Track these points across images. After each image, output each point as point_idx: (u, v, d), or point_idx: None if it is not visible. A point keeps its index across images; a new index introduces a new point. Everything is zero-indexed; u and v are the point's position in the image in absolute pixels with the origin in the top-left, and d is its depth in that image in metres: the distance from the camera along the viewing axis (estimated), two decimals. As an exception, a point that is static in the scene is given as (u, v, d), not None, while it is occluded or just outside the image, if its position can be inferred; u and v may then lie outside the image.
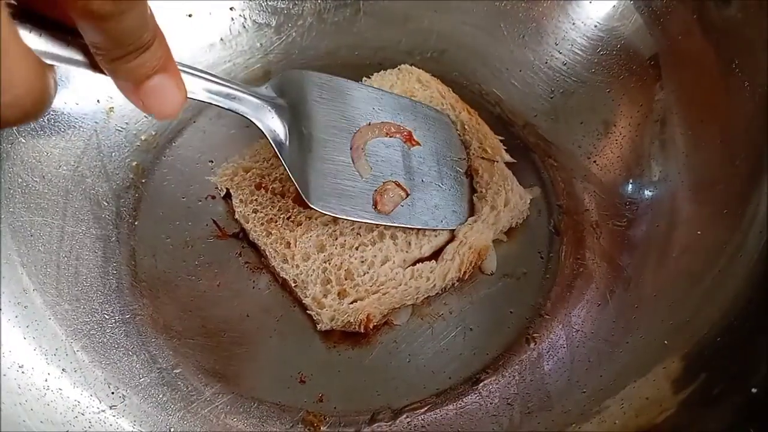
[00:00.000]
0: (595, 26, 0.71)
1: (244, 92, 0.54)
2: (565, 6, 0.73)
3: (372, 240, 0.63)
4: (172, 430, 0.56)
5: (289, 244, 0.63)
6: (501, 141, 0.70)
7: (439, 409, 0.58)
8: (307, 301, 0.60)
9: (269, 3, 0.79)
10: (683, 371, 0.51)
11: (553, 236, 0.68)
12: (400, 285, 0.61)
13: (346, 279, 0.61)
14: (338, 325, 0.59)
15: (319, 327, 0.60)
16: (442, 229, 0.64)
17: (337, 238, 0.63)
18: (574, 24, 0.72)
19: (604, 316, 0.60)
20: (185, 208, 0.68)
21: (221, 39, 0.78)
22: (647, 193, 0.65)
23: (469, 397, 0.58)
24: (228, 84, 0.52)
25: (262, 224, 0.64)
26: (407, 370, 0.60)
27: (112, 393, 0.56)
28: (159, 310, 0.62)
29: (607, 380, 0.55)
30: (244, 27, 0.79)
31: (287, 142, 0.58)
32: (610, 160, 0.69)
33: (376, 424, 0.57)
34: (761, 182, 0.56)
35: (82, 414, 0.54)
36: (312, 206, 0.58)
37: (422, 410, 0.58)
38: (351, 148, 0.62)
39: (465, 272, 0.63)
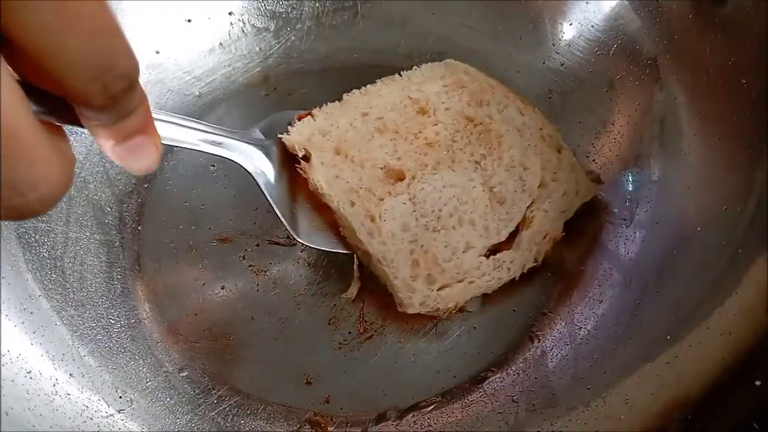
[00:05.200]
0: (593, 27, 0.71)
1: (231, 138, 0.57)
2: (563, 7, 0.73)
3: (452, 224, 0.62)
4: (180, 432, 0.56)
5: (372, 218, 0.61)
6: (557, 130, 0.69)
7: (445, 408, 0.59)
8: (396, 282, 0.59)
9: (268, 7, 0.79)
10: (686, 366, 0.52)
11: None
12: (484, 275, 0.61)
13: (433, 264, 0.60)
14: (425, 310, 0.59)
15: (403, 309, 0.59)
16: None
17: (418, 219, 0.61)
18: (571, 25, 0.73)
19: (606, 313, 0.61)
20: (188, 212, 0.68)
21: (220, 44, 0.78)
22: (646, 191, 0.65)
23: (475, 395, 0.59)
24: (215, 131, 0.56)
25: (345, 192, 0.61)
26: (412, 369, 0.61)
27: (120, 397, 0.56)
28: (164, 314, 0.63)
29: (611, 376, 0.55)
30: (243, 31, 0.79)
31: (276, 182, 0.61)
32: (609, 159, 0.69)
33: (382, 424, 0.58)
34: (759, 180, 0.56)
35: (91, 418, 0.54)
36: (300, 240, 0.61)
37: (428, 409, 0.58)
38: None
39: (542, 262, 0.63)
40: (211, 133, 0.55)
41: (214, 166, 0.71)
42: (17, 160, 0.28)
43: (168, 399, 0.58)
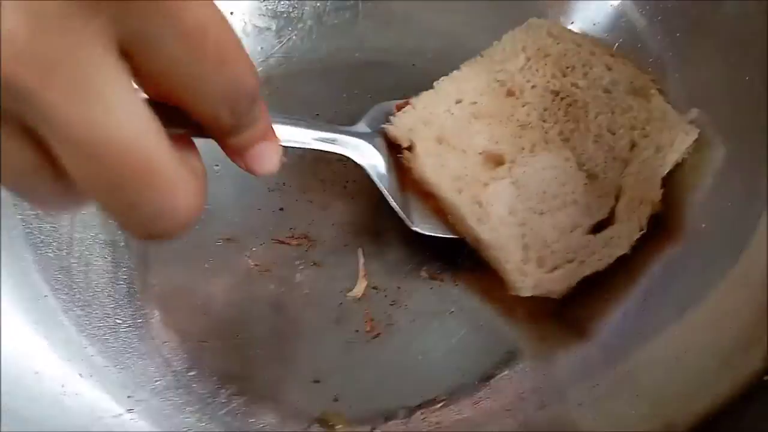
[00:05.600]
0: (595, 25, 0.72)
1: (341, 133, 0.60)
2: (564, 6, 0.74)
3: (557, 206, 0.61)
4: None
5: (480, 204, 0.61)
6: (652, 80, 0.66)
7: (453, 406, 0.58)
8: (508, 266, 0.59)
9: (269, 7, 0.79)
10: (694, 361, 0.52)
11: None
12: (594, 254, 0.59)
13: (542, 246, 0.60)
14: (539, 293, 0.58)
15: (516, 293, 0.58)
16: None
17: (523, 203, 0.61)
18: (573, 23, 0.73)
19: (612, 311, 0.61)
20: (193, 211, 0.68)
21: (222, 43, 0.78)
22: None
23: (483, 392, 0.59)
24: (326, 129, 0.58)
25: (451, 180, 0.61)
26: (420, 367, 0.61)
27: (129, 397, 0.56)
28: (171, 314, 0.63)
29: (620, 373, 0.56)
30: (245, 32, 0.79)
31: (387, 173, 0.63)
32: (612, 156, 0.69)
33: (391, 422, 0.58)
34: (762, 175, 0.57)
35: (100, 418, 0.54)
36: (415, 229, 0.62)
37: (436, 407, 0.58)
38: None
39: (647, 226, 0.60)
40: (323, 131, 0.57)
41: (218, 165, 0.70)
42: (155, 193, 0.27)
43: (177, 398, 0.58)
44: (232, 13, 0.78)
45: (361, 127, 0.64)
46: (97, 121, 0.24)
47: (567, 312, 0.62)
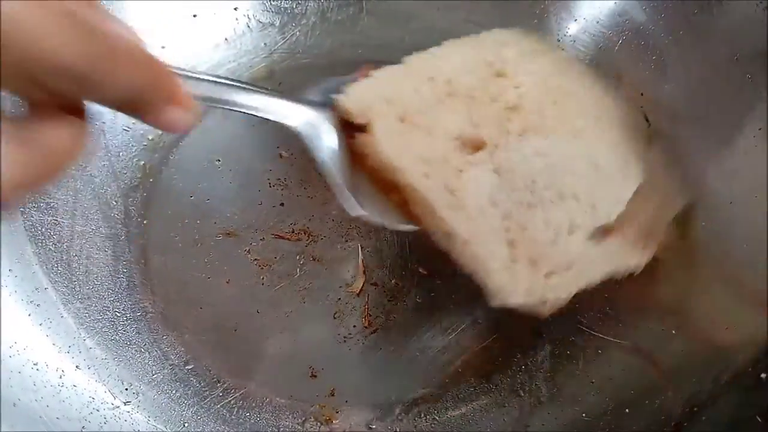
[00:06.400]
0: (598, 22, 0.72)
1: (287, 100, 0.48)
2: (567, 3, 0.73)
3: (551, 198, 0.52)
4: (186, 425, 0.56)
5: (453, 191, 0.51)
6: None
7: (449, 402, 0.59)
8: (494, 265, 0.49)
9: (273, 2, 0.79)
10: (690, 358, 0.52)
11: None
12: (594, 263, 0.52)
13: (533, 245, 0.51)
14: (531, 300, 0.49)
15: (502, 299, 0.49)
16: None
17: (508, 193, 0.52)
18: (576, 21, 0.73)
19: (609, 309, 0.61)
20: (193, 206, 0.68)
21: (226, 39, 0.78)
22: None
23: (479, 389, 0.59)
24: (266, 93, 0.47)
25: (416, 164, 0.51)
26: (417, 363, 0.61)
27: (126, 389, 0.57)
28: (170, 308, 0.63)
29: (615, 370, 0.56)
30: (249, 27, 0.79)
31: (339, 149, 0.51)
32: (613, 154, 0.69)
33: (388, 417, 0.58)
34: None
35: (97, 410, 0.54)
36: (360, 213, 0.50)
37: (433, 403, 0.59)
38: None
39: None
40: (259, 94, 0.46)
41: (219, 160, 0.71)
42: None
43: (174, 391, 0.58)
44: (236, 9, 0.78)
45: (309, 96, 0.51)
46: None
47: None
